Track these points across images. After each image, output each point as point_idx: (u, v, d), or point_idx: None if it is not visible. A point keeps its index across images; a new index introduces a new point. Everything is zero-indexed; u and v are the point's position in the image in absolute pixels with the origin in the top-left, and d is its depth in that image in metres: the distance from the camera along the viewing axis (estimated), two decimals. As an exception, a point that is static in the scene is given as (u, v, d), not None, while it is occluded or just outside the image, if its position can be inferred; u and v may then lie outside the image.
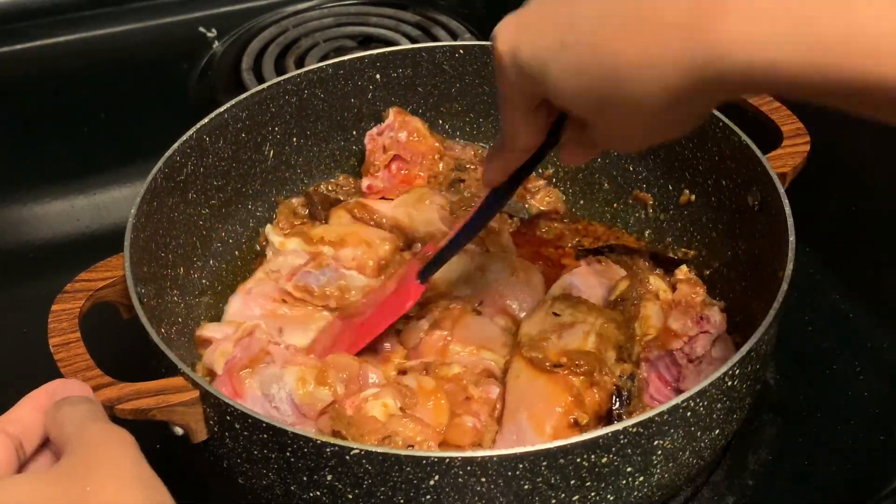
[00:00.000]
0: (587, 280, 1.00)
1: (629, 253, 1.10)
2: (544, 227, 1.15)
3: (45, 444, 0.70)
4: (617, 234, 1.15)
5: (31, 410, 0.69)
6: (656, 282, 0.97)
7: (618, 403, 0.87)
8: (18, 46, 1.51)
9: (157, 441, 0.91)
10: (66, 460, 0.63)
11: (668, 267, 1.05)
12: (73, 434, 0.65)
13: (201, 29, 1.54)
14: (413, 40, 1.49)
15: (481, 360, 0.95)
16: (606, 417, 0.87)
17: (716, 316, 0.95)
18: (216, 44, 1.52)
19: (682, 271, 1.00)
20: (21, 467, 0.67)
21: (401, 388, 0.88)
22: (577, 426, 0.84)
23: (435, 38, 1.50)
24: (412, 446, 0.82)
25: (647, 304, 0.95)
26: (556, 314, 0.93)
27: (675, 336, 0.93)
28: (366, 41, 1.51)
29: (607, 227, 1.16)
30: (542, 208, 1.17)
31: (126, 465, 0.63)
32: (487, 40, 1.16)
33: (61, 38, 1.53)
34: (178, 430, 0.79)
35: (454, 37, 1.50)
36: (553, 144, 0.78)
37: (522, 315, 1.00)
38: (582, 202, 1.19)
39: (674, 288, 0.98)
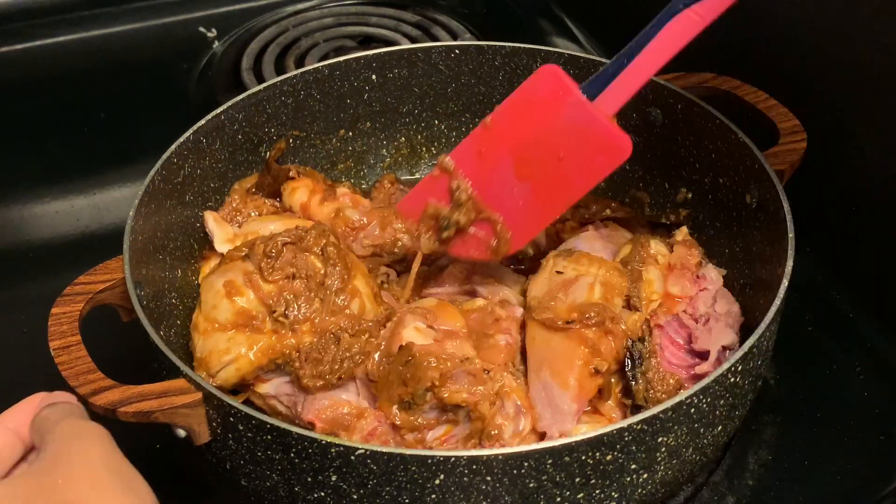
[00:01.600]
0: (592, 244, 1.02)
1: (627, 224, 1.11)
2: None
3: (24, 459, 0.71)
4: (608, 203, 1.14)
5: (2, 432, 0.70)
6: (657, 246, 0.98)
7: (630, 365, 0.89)
8: (18, 46, 1.52)
9: (157, 443, 0.93)
10: (39, 459, 0.65)
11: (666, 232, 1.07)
12: (48, 434, 0.67)
13: (201, 29, 1.54)
14: (413, 40, 1.49)
15: (500, 289, 0.99)
16: (622, 375, 0.89)
17: (711, 273, 0.97)
18: (216, 44, 1.52)
19: (682, 232, 1.01)
20: None
21: (415, 310, 0.91)
22: (598, 374, 0.87)
23: (435, 39, 1.50)
24: (487, 371, 0.85)
25: (650, 268, 0.96)
26: (559, 272, 0.95)
27: (677, 299, 0.95)
28: (366, 41, 1.51)
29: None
30: None
31: (96, 455, 0.65)
32: (487, 40, 1.17)
33: (61, 38, 1.53)
34: (181, 433, 0.79)
35: (454, 37, 1.50)
36: None
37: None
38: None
39: (671, 250, 0.99)
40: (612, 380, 0.90)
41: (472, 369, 0.85)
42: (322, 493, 0.76)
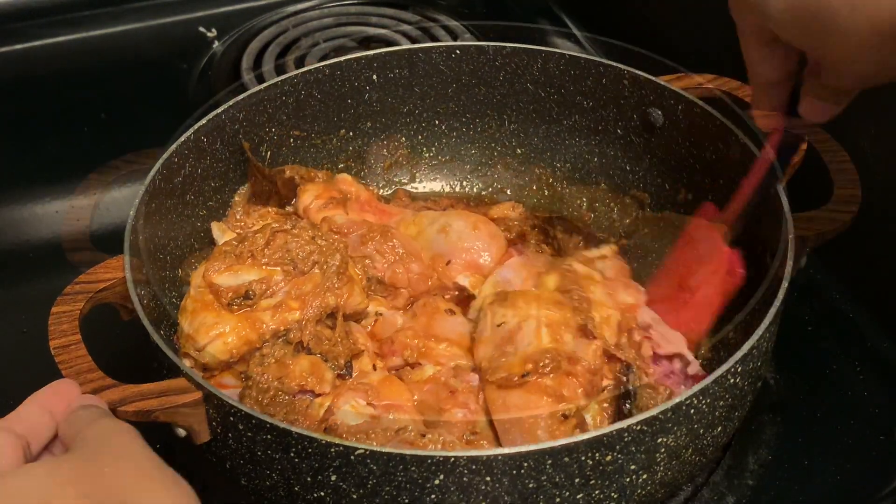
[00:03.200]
0: (519, 272, 1.01)
1: (571, 231, 1.11)
2: None
3: (49, 445, 0.71)
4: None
5: (37, 409, 0.71)
6: (579, 266, 0.98)
7: (627, 404, 0.88)
8: (18, 46, 1.52)
9: (157, 443, 0.92)
10: (78, 449, 0.66)
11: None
12: (84, 429, 0.67)
13: (201, 29, 1.54)
14: (413, 40, 1.49)
15: (453, 356, 0.96)
16: (615, 411, 0.88)
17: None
18: (216, 44, 1.52)
19: (612, 249, 1.02)
20: None
21: (356, 387, 0.89)
22: (568, 418, 0.84)
23: (435, 39, 1.50)
24: (424, 435, 0.82)
25: (591, 287, 0.96)
26: (499, 325, 0.92)
27: (634, 308, 0.95)
28: (366, 41, 1.51)
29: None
30: None
31: (139, 451, 0.66)
32: (487, 41, 1.17)
33: (61, 38, 1.54)
34: (181, 432, 0.79)
35: (454, 37, 1.50)
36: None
37: (490, 265, 1.04)
38: (578, 202, 1.19)
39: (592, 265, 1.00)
40: (592, 412, 0.87)
41: (409, 438, 0.82)
42: (322, 493, 0.76)
